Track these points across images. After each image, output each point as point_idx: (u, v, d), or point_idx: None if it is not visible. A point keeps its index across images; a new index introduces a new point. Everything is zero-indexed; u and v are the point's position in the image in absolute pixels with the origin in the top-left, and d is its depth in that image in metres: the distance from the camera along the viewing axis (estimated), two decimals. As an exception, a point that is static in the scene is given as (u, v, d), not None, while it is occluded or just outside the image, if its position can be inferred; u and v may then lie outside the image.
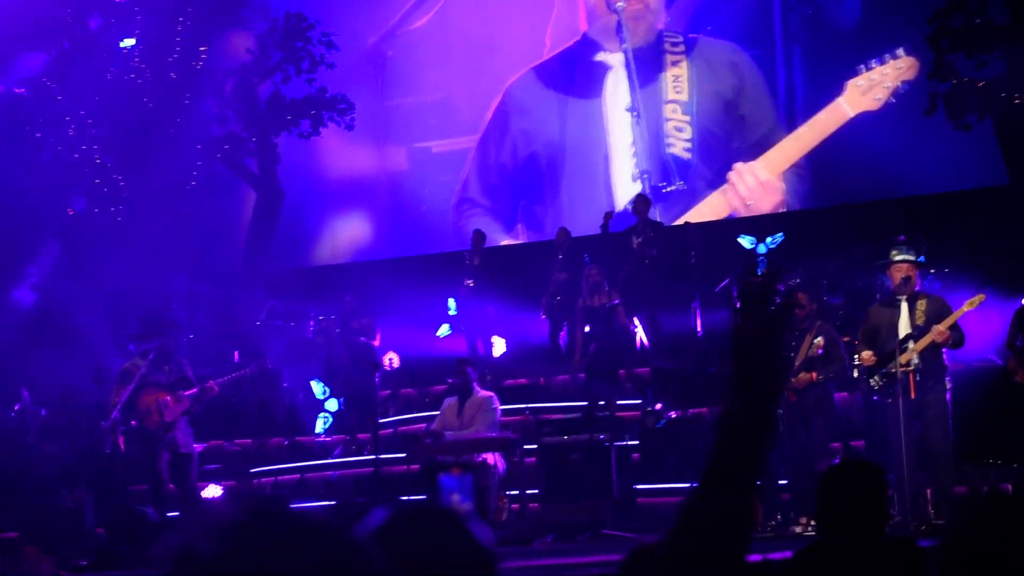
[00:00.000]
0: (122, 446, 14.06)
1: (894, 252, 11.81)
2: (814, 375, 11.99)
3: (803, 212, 19.02)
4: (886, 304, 11.81)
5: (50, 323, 18.57)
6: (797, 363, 12.04)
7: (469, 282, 17.39)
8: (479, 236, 17.98)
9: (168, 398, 13.55)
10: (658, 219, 17.87)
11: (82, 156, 20.08)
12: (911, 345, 11.36)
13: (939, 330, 11.26)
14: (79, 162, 20.10)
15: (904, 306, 11.54)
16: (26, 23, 19.95)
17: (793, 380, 11.98)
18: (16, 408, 17.12)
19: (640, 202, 17.26)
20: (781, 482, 12.37)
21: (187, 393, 13.57)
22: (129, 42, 20.87)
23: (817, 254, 16.21)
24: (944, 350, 11.48)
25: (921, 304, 11.48)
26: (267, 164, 21.28)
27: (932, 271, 13.93)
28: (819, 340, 11.98)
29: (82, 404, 15.69)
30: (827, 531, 4.90)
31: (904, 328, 11.46)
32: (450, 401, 13.74)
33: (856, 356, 12.02)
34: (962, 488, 11.96)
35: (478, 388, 13.66)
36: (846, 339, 12.55)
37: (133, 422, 13.88)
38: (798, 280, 15.05)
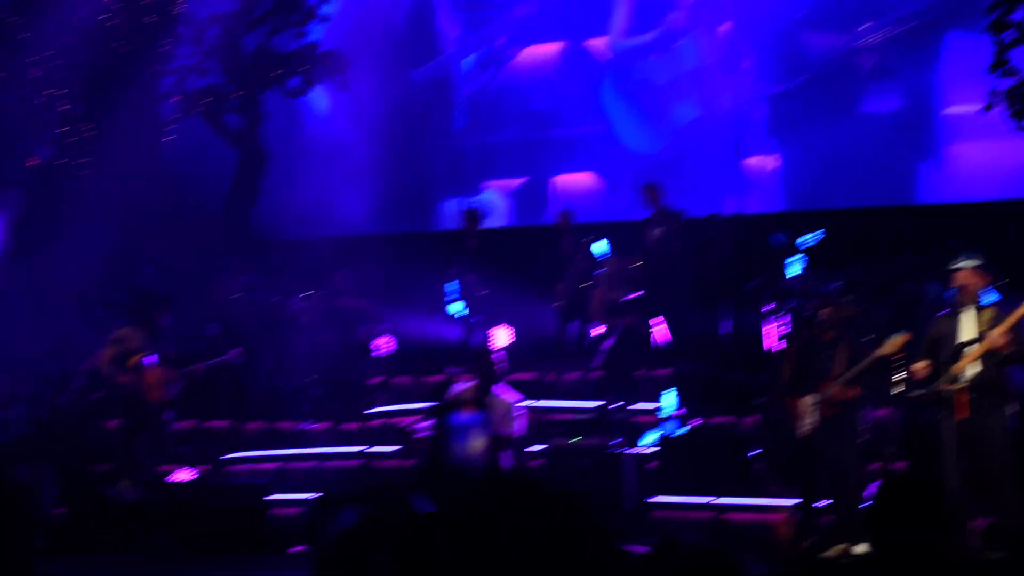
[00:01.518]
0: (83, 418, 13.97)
1: (957, 260, 11.65)
2: (857, 390, 11.87)
3: (848, 211, 18.93)
4: (950, 315, 11.67)
5: (12, 283, 18.24)
6: (834, 375, 11.91)
7: (458, 269, 17.18)
8: (471, 214, 17.78)
9: (168, 375, 13.59)
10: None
11: (48, 100, 19.69)
12: (967, 355, 11.18)
13: (994, 335, 11.06)
14: (44, 107, 19.71)
15: (966, 317, 11.38)
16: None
17: (834, 391, 11.86)
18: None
19: (648, 189, 17.09)
20: (817, 504, 12.23)
21: (183, 371, 13.68)
22: (100, -21, 20.49)
23: (861, 258, 16.09)
24: (1008, 368, 11.33)
25: (985, 315, 11.31)
26: (251, 122, 20.95)
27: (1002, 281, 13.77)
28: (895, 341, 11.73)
29: (46, 372, 15.43)
30: (881, 548, 4.88)
31: (964, 339, 11.30)
32: (460, 388, 12.99)
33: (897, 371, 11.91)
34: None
35: (503, 386, 12.82)
36: (892, 352, 12.32)
37: (100, 394, 13.78)
38: (838, 284, 14.91)
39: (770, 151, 21.00)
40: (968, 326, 11.34)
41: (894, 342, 11.64)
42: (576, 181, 22.15)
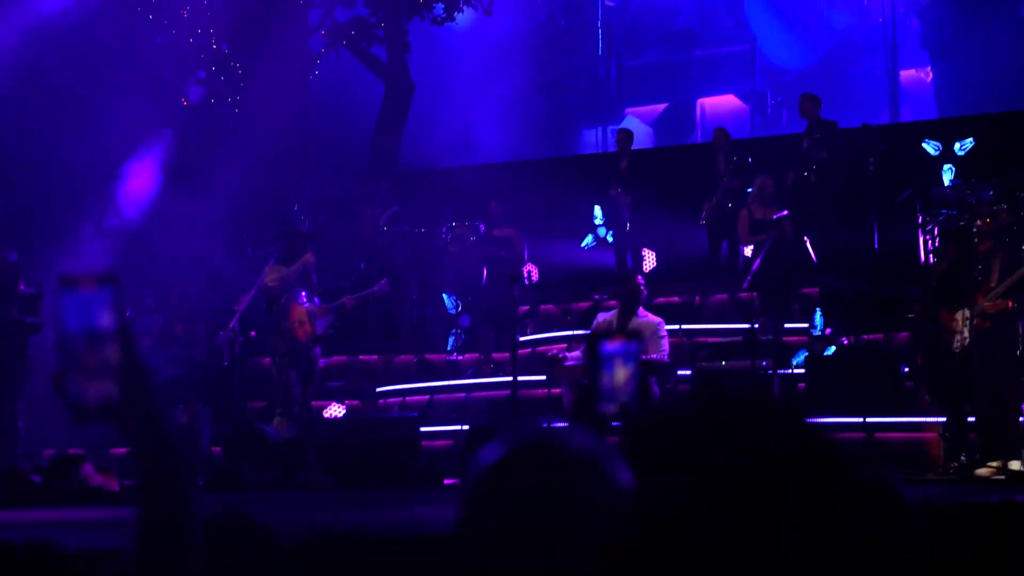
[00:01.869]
0: (237, 356, 14.32)
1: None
2: (1010, 304, 11.62)
3: (998, 115, 18.32)
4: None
5: (166, 221, 18.75)
6: (989, 287, 11.66)
7: (615, 191, 17.19)
8: (625, 135, 17.78)
9: (315, 310, 13.92)
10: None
11: (197, 40, 20.12)
12: None
13: None
14: (195, 47, 20.15)
15: None
16: None
17: (987, 304, 11.62)
18: (128, 313, 17.39)
19: (806, 100, 16.81)
20: (969, 419, 12.06)
21: (332, 305, 14.03)
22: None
23: (1016, 164, 15.67)
24: None
25: None
26: (396, 52, 21.12)
27: None
28: None
29: (200, 311, 15.85)
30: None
31: None
32: (606, 317, 13.17)
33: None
34: None
35: (643, 311, 13.03)
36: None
37: (252, 333, 14.14)
38: (990, 193, 14.59)
39: (923, 64, 20.62)
40: None
41: None
42: (721, 103, 21.97)
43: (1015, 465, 11.41)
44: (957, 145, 16.76)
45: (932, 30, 20.37)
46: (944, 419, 12.39)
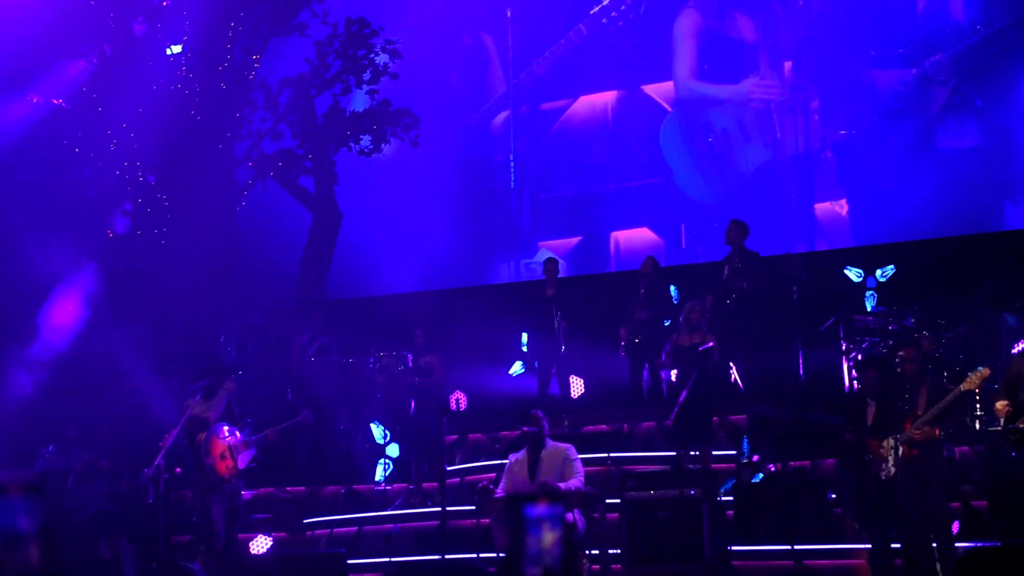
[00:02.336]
0: (162, 492, 14.12)
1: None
2: (936, 431, 11.72)
3: (920, 243, 18.67)
4: (1031, 352, 11.51)
5: (90, 356, 18.58)
6: (919, 414, 11.75)
7: (556, 316, 17.20)
8: (552, 265, 17.89)
9: (236, 443, 13.76)
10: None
11: (124, 172, 20.11)
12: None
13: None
14: (121, 179, 20.13)
15: (1049, 354, 11.18)
16: (66, 28, 20.04)
17: (916, 432, 11.70)
18: (51, 448, 17.17)
19: (734, 227, 16.96)
20: (894, 546, 12.11)
21: (255, 438, 13.88)
22: (176, 49, 20.88)
23: (936, 291, 15.91)
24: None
25: (1067, 350, 11.10)
26: (324, 183, 21.25)
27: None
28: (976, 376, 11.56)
29: (125, 445, 15.70)
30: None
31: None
32: (516, 458, 13.20)
33: (979, 406, 11.77)
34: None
35: (549, 440, 13.19)
36: (964, 390, 12.10)
37: (178, 469, 13.99)
38: (910, 321, 14.79)
39: (838, 196, 21.06)
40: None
41: (975, 378, 11.47)
42: (636, 236, 22.25)
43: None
44: (879, 272, 16.99)
45: (848, 163, 20.80)
46: (871, 546, 12.43)
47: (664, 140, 22.50)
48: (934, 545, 11.74)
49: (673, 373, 15.92)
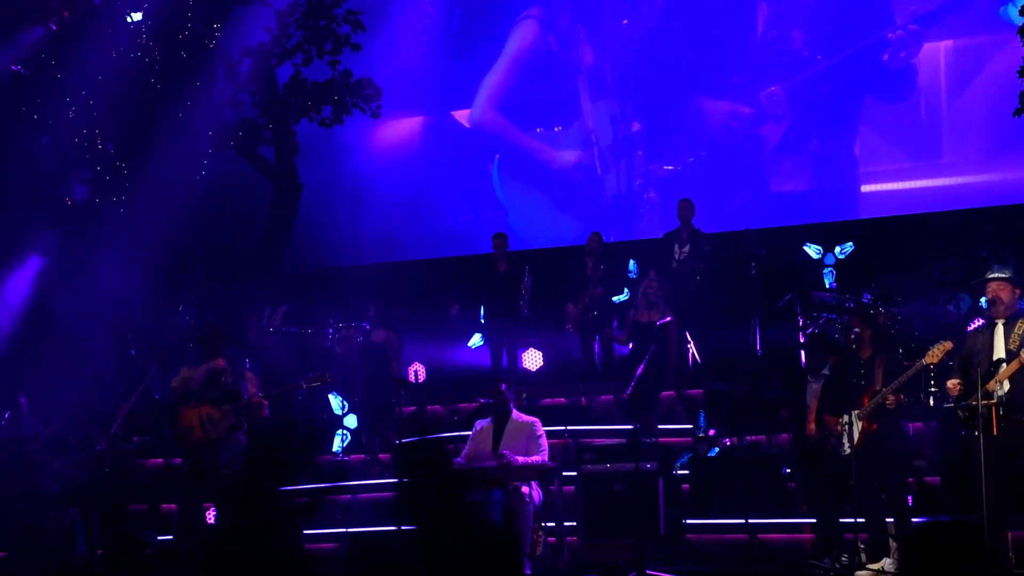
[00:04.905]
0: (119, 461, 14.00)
1: (990, 271, 11.45)
2: (900, 400, 11.73)
3: (879, 220, 18.70)
4: (983, 328, 11.51)
5: (46, 324, 18.46)
6: (877, 388, 11.76)
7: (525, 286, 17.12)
8: (501, 240, 17.77)
9: (214, 412, 13.28)
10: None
11: (83, 140, 19.93)
12: (1001, 372, 11.01)
13: (1024, 355, 10.92)
14: (79, 147, 19.95)
15: (1000, 330, 11.18)
16: (24, -7, 19.86)
17: (874, 407, 11.71)
18: (6, 415, 17.03)
19: (685, 205, 17.01)
20: (846, 520, 12.16)
21: (231, 407, 13.26)
22: (136, 16, 20.64)
23: (892, 268, 15.98)
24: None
25: (1020, 328, 11.09)
26: (285, 154, 21.10)
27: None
28: (936, 350, 11.58)
29: (96, 418, 15.50)
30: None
31: (998, 354, 11.12)
32: (483, 424, 13.20)
33: (933, 382, 11.81)
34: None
35: (516, 411, 13.15)
36: (927, 363, 12.10)
37: (135, 438, 13.84)
38: (867, 298, 14.83)
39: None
40: (1001, 340, 11.17)
41: (937, 350, 11.47)
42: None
43: (888, 565, 11.54)
44: (837, 248, 17.05)
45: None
46: (825, 520, 12.50)
47: (498, 176, 22.37)
48: (889, 520, 11.79)
49: (628, 347, 15.96)
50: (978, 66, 19.18)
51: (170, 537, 14.55)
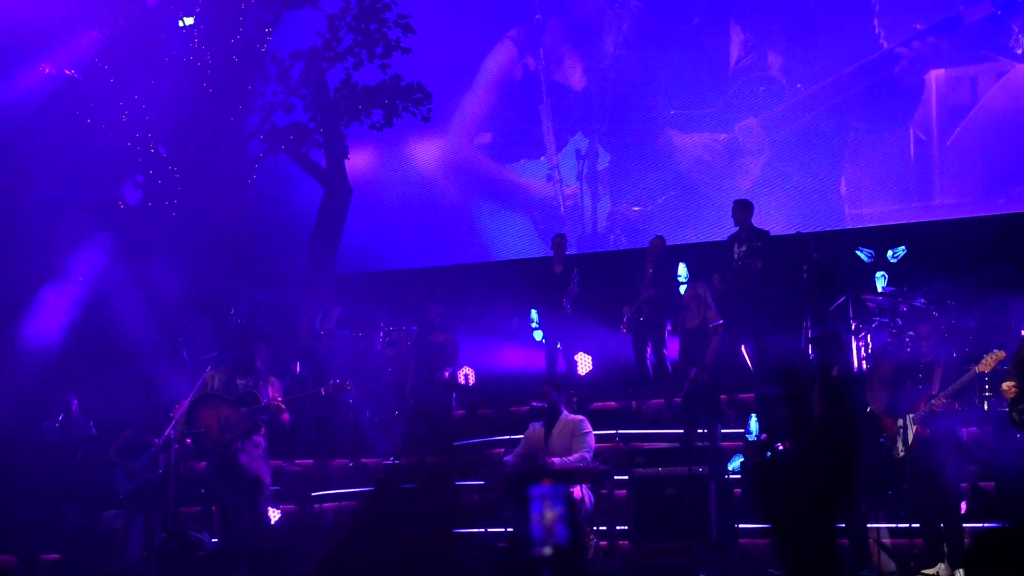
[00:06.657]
0: (172, 463, 14.00)
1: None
2: (955, 407, 11.67)
3: (931, 223, 18.51)
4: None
5: (99, 327, 18.58)
6: (934, 392, 11.71)
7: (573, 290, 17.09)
8: (560, 240, 17.78)
9: (231, 413, 13.27)
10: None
11: (135, 144, 20.09)
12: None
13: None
14: (132, 151, 20.11)
15: (1055, 335, 11.12)
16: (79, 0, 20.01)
17: (936, 403, 11.63)
18: (60, 418, 17.17)
19: (739, 208, 16.92)
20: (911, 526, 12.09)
21: (248, 409, 13.23)
22: (188, 21, 20.83)
23: (946, 272, 15.86)
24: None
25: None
26: (335, 157, 21.22)
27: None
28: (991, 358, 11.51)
29: (135, 418, 15.58)
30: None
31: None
32: (536, 427, 13.35)
33: (987, 387, 11.73)
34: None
35: (566, 412, 13.34)
36: (982, 368, 12.04)
37: (188, 440, 13.83)
38: (920, 302, 14.74)
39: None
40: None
41: (990, 359, 11.42)
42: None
43: (943, 571, 11.47)
44: (890, 252, 16.94)
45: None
46: (882, 525, 12.44)
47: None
48: (940, 525, 11.73)
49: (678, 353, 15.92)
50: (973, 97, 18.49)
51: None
